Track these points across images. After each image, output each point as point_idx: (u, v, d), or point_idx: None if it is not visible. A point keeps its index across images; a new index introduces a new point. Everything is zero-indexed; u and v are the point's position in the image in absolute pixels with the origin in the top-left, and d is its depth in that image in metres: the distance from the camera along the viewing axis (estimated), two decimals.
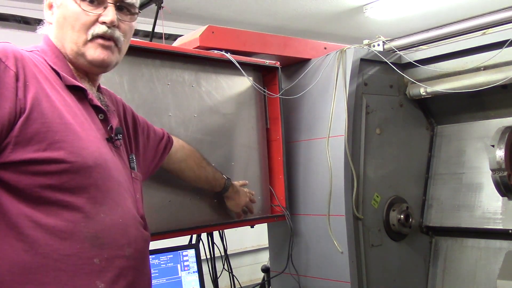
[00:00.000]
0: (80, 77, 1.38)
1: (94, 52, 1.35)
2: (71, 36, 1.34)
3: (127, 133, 1.59)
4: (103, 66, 1.39)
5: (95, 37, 1.34)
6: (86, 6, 1.34)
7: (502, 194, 2.18)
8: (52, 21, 1.38)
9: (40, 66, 1.27)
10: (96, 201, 1.24)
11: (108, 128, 1.38)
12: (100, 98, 1.44)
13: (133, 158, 1.52)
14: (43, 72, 1.26)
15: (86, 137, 1.25)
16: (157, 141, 1.81)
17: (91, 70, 1.40)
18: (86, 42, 1.34)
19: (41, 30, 1.44)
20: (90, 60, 1.36)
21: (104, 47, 1.36)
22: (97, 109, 1.37)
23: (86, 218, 1.21)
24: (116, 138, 1.40)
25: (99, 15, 1.35)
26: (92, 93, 1.38)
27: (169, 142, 1.88)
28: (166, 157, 1.86)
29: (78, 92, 1.33)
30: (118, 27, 1.38)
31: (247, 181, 2.28)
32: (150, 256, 2.12)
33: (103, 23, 1.34)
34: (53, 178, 1.18)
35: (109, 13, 1.35)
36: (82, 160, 1.21)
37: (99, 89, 1.49)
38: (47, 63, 1.31)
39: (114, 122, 1.42)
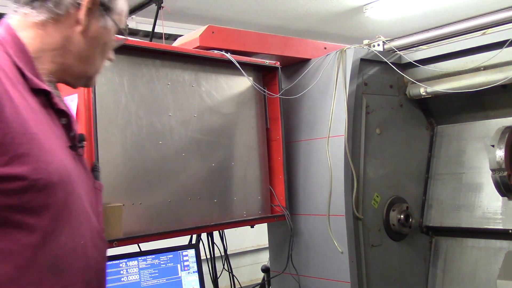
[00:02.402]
0: (43, 74, 1.22)
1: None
2: (97, 62, 1.29)
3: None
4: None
5: None
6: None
7: (502, 194, 2.18)
8: (82, 28, 1.22)
9: (2, 63, 1.11)
10: (59, 222, 1.11)
11: (71, 134, 1.23)
12: (61, 98, 1.29)
13: (97, 166, 1.41)
14: (5, 70, 1.10)
15: (51, 148, 1.11)
16: None
17: (71, 85, 1.32)
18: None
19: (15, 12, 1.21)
20: (90, 84, 1.35)
21: None
22: (60, 113, 1.22)
23: (46, 243, 1.08)
24: (80, 145, 1.26)
25: None
26: (56, 95, 1.23)
27: None
28: None
29: (41, 95, 1.17)
30: None
31: None
32: (150, 256, 2.13)
33: (109, 59, 1.33)
34: (13, 197, 1.03)
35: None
36: (47, 176, 1.07)
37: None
38: (11, 58, 1.14)
39: (78, 127, 1.30)
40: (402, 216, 2.44)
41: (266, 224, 2.55)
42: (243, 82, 2.33)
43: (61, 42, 1.21)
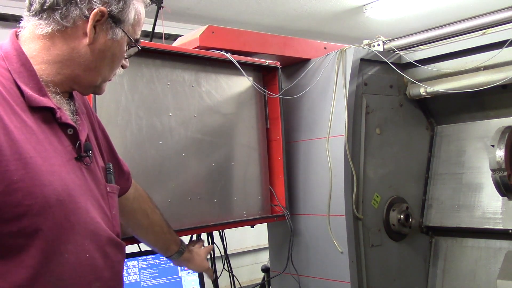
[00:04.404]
0: (48, 86, 1.21)
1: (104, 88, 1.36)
2: (104, 73, 1.29)
3: (102, 136, 1.49)
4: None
5: None
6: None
7: (502, 194, 2.18)
8: (88, 41, 1.22)
9: (0, 83, 1.11)
10: (60, 241, 1.11)
11: (77, 144, 1.23)
12: (70, 106, 1.29)
13: (110, 167, 1.39)
14: (2, 92, 1.09)
15: (49, 168, 1.10)
16: (119, 169, 1.59)
17: (80, 93, 1.34)
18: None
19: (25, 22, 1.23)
20: (99, 92, 1.36)
21: None
22: (64, 125, 1.22)
23: (46, 263, 1.08)
24: (86, 155, 1.25)
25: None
26: (61, 104, 1.23)
27: (128, 181, 1.66)
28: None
29: (44, 112, 1.17)
30: None
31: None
32: (150, 256, 2.13)
33: (123, 66, 1.36)
34: (10, 224, 1.04)
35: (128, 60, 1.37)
36: (42, 200, 1.07)
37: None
38: (9, 74, 1.14)
39: (83, 136, 1.27)
40: (402, 216, 2.44)
41: (266, 224, 2.55)
42: (243, 82, 2.32)
43: (68, 53, 1.21)
